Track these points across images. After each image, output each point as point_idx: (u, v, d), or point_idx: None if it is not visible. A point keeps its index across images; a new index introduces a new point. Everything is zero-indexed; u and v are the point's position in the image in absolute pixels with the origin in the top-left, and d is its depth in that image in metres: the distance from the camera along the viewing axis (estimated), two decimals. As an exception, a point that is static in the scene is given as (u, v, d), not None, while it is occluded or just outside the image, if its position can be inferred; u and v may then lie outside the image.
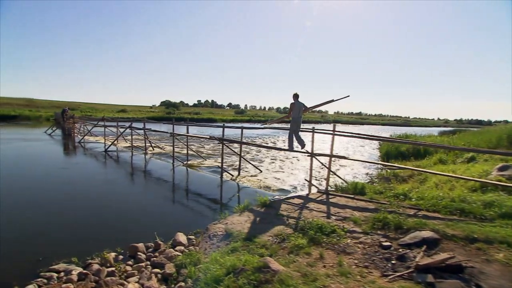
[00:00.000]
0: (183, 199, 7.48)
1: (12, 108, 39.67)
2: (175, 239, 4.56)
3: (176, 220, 5.94)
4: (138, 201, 7.22)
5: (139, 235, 4.91)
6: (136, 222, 5.71)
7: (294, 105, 7.77)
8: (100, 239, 4.82)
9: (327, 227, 4.50)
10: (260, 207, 5.66)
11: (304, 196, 6.62)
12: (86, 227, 5.36)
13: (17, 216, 5.77)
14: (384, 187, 7.39)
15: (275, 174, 10.61)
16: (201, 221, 5.87)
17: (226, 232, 4.49)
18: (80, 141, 18.13)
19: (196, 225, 5.55)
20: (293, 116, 7.89)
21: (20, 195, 7.04)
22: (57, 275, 3.67)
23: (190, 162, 11.87)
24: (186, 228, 5.25)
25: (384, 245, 3.86)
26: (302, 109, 7.84)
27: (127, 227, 5.47)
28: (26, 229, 5.20)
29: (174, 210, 6.75)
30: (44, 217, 5.75)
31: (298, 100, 7.79)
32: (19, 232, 5.07)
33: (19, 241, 4.72)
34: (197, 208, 6.73)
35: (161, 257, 3.94)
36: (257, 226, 4.76)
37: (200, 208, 6.75)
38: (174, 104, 72.43)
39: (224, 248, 4.02)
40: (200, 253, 3.95)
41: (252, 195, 7.79)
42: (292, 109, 7.83)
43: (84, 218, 5.78)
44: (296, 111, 7.80)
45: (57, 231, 5.14)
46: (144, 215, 6.19)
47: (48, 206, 6.40)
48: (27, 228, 5.24)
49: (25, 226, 5.31)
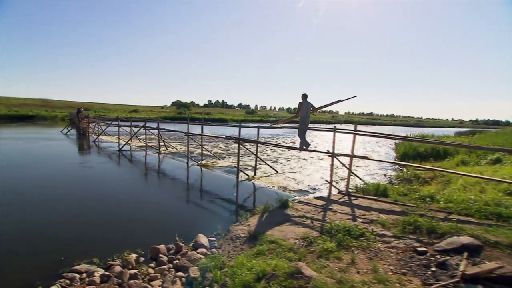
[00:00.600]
0: (200, 200, 7.38)
1: (29, 108, 40.82)
2: (196, 240, 4.44)
3: (194, 221, 5.82)
4: (154, 201, 7.16)
5: (157, 236, 4.82)
6: (154, 223, 5.63)
7: (302, 105, 7.86)
8: (119, 240, 4.75)
9: (355, 230, 4.30)
10: (281, 208, 5.49)
11: (326, 198, 6.42)
12: (104, 227, 5.31)
13: (38, 214, 5.78)
14: (407, 189, 7.11)
15: (291, 175, 10.40)
16: (220, 222, 5.74)
17: (249, 234, 4.34)
18: (94, 141, 18.37)
19: (215, 226, 5.43)
20: (301, 115, 7.99)
21: (40, 194, 7.09)
22: (79, 276, 3.60)
23: (204, 162, 11.80)
24: (204, 229, 5.13)
25: (419, 251, 3.63)
26: (310, 109, 7.92)
27: (145, 227, 5.38)
28: (46, 227, 5.19)
29: (191, 210, 6.65)
30: (63, 216, 5.74)
31: (306, 100, 7.89)
32: (40, 230, 5.06)
33: (40, 239, 4.70)
34: (214, 209, 6.61)
35: (184, 259, 3.81)
36: (281, 228, 4.59)
37: (217, 209, 6.63)
38: (185, 104, 73.01)
39: (249, 251, 3.88)
40: (224, 256, 3.81)
41: (270, 196, 7.63)
42: (300, 108, 7.92)
43: (101, 218, 5.74)
44: (304, 111, 7.88)
45: (76, 230, 5.09)
46: (161, 216, 6.11)
47: (66, 205, 6.40)
48: (47, 226, 5.23)
49: (45, 224, 5.30)
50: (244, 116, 64.96)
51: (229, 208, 6.76)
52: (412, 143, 16.07)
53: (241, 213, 6.19)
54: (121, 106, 63.18)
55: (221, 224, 5.57)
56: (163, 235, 4.90)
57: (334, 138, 6.91)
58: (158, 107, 73.02)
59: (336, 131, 6.95)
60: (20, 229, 5.07)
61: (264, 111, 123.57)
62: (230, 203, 7.13)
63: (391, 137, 8.44)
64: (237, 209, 6.61)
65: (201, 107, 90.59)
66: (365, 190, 7.09)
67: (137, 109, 55.76)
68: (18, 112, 37.21)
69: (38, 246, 4.49)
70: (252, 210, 6.05)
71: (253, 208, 6.51)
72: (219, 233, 4.97)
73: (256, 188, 8.42)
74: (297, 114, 8.18)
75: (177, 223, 5.67)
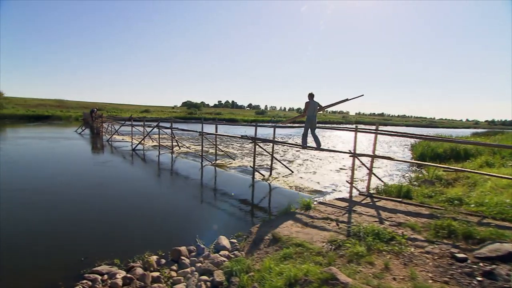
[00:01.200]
0: (216, 200, 7.25)
1: (45, 108, 41.84)
2: (218, 242, 4.30)
3: (212, 222, 5.69)
4: (171, 201, 7.08)
5: (175, 237, 4.72)
6: (172, 223, 5.53)
7: (309, 104, 7.91)
8: (137, 240, 4.65)
9: (385, 233, 4.08)
10: (303, 210, 5.31)
11: (348, 199, 6.19)
12: (122, 227, 5.24)
13: (56, 212, 5.78)
14: (432, 191, 6.81)
15: (306, 175, 10.19)
16: (239, 223, 5.61)
17: (273, 236, 4.18)
18: (108, 140, 18.58)
19: (235, 227, 5.29)
20: (308, 114, 8.02)
21: (58, 193, 7.11)
22: (100, 277, 3.50)
23: (218, 161, 11.72)
24: (224, 231, 4.99)
25: (459, 257, 3.39)
26: (317, 108, 7.97)
27: (163, 228, 5.28)
28: (64, 226, 5.16)
29: (209, 211, 6.52)
30: (81, 215, 5.71)
31: (313, 99, 7.94)
32: (59, 229, 5.04)
33: (60, 238, 4.66)
34: (232, 210, 6.47)
35: (207, 262, 3.67)
36: (305, 230, 4.41)
37: (235, 210, 6.49)
38: (195, 104, 73.40)
39: (275, 254, 3.71)
40: (249, 260, 3.66)
41: (288, 197, 7.46)
42: (307, 107, 7.97)
43: (120, 217, 5.70)
44: (311, 110, 7.93)
45: (94, 230, 5.03)
46: (179, 216, 6.01)
47: (83, 204, 6.39)
48: (65, 225, 5.21)
49: (63, 223, 5.28)
50: (254, 116, 64.82)
51: (247, 209, 6.61)
52: (430, 143, 15.62)
53: (259, 215, 6.04)
54: (133, 106, 64.01)
55: (241, 226, 5.43)
56: (181, 236, 4.80)
57: (355, 138, 6.68)
58: (168, 107, 73.68)
59: (358, 130, 6.71)
60: (42, 227, 5.05)
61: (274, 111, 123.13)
62: (248, 203, 6.98)
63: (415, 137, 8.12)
64: (255, 210, 6.46)
65: (211, 107, 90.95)
66: (387, 192, 6.84)
67: (149, 109, 56.39)
68: (34, 112, 38.17)
69: (58, 245, 4.44)
70: (272, 211, 5.89)
71: (272, 209, 6.35)
72: (240, 235, 4.83)
73: (272, 189, 8.25)
74: (304, 113, 8.19)
75: (195, 224, 5.56)
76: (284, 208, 5.26)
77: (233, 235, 4.82)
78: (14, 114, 36.00)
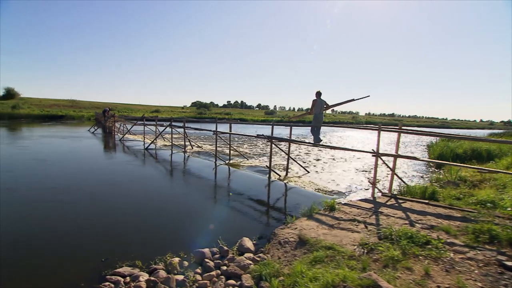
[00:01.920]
0: (233, 200, 7.05)
1: (59, 109, 42.72)
2: (241, 244, 4.11)
3: (230, 222, 5.51)
4: (186, 201, 6.93)
5: (194, 238, 4.55)
6: (189, 224, 5.36)
7: (316, 102, 8.09)
8: (156, 241, 4.49)
9: (419, 236, 3.83)
10: (327, 211, 5.09)
11: (371, 200, 5.93)
12: (140, 226, 5.10)
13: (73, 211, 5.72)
14: (460, 192, 6.49)
15: (323, 175, 9.94)
16: (258, 224, 5.42)
17: (300, 238, 3.98)
18: (120, 139, 18.72)
19: (255, 228, 5.11)
20: (315, 112, 8.22)
21: (79, 190, 7.08)
22: (123, 279, 3.36)
23: (232, 161, 11.58)
24: (244, 232, 4.81)
25: (508, 266, 3.11)
26: (323, 106, 8.13)
27: (180, 228, 5.12)
28: (81, 224, 5.08)
29: (226, 211, 6.33)
30: (99, 214, 5.63)
31: (320, 97, 8.12)
32: (77, 227, 4.95)
33: (78, 237, 4.57)
34: (249, 210, 6.29)
35: (234, 265, 3.48)
36: (333, 232, 4.19)
37: (253, 210, 6.30)
38: (205, 104, 73.73)
39: (304, 257, 3.51)
40: (277, 263, 3.46)
41: (307, 197, 7.24)
42: (314, 105, 8.13)
43: (135, 218, 5.56)
44: (318, 108, 8.12)
45: (111, 229, 4.92)
46: (196, 217, 5.86)
47: (100, 203, 6.32)
48: (83, 223, 5.12)
49: (80, 222, 5.20)
50: (264, 116, 64.68)
51: (266, 209, 6.42)
52: (448, 144, 15.11)
53: (279, 216, 5.84)
54: (143, 106, 64.75)
55: (261, 227, 5.25)
56: (200, 237, 4.63)
57: (378, 137, 6.41)
58: (178, 107, 74.21)
59: (382, 129, 6.44)
60: (62, 225, 4.98)
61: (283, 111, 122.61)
62: (266, 204, 6.79)
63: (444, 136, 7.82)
64: (275, 211, 6.26)
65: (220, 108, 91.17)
66: (410, 193, 6.54)
67: (159, 109, 56.92)
68: (49, 112, 39.04)
69: (78, 244, 4.34)
70: (292, 212, 5.69)
71: (292, 209, 6.15)
72: (262, 236, 4.64)
73: (289, 189, 8.04)
74: (310, 111, 8.31)
75: (213, 224, 5.39)
76: (307, 209, 5.04)
77: (255, 236, 4.63)
78: (30, 114, 36.91)
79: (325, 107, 8.23)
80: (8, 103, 39.92)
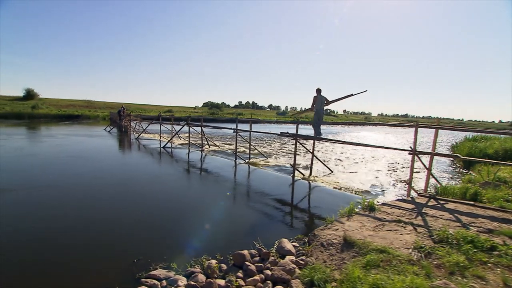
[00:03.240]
0: (260, 200, 6.73)
1: (75, 109, 43.62)
2: (281, 246, 3.80)
3: (261, 223, 5.21)
4: (212, 201, 6.66)
5: (226, 239, 4.30)
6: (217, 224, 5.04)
7: (317, 98, 8.47)
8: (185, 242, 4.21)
9: (481, 241, 3.43)
10: (367, 211, 4.73)
11: (410, 200, 5.53)
12: (165, 226, 4.86)
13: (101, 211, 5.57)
14: (507, 194, 6.00)
15: (348, 175, 9.55)
16: (293, 225, 5.12)
17: (346, 240, 3.65)
18: (137, 138, 18.78)
19: (289, 229, 4.82)
20: (316, 108, 8.56)
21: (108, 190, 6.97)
22: (159, 283, 3.10)
23: (253, 160, 11.33)
24: (279, 233, 4.54)
25: None
26: (324, 102, 8.47)
27: (210, 229, 4.80)
28: (114, 223, 4.91)
29: (255, 211, 6.00)
30: (126, 213, 5.46)
31: (320, 94, 8.47)
32: (109, 226, 4.78)
33: (108, 236, 4.38)
34: (279, 210, 5.97)
35: (279, 269, 3.16)
36: (380, 234, 3.84)
37: (282, 210, 5.99)
38: (216, 105, 73.91)
39: (355, 261, 3.18)
40: (327, 267, 3.15)
41: (337, 197, 6.91)
42: (315, 102, 8.49)
43: (162, 217, 5.35)
44: (319, 104, 8.47)
45: (140, 228, 4.70)
46: (225, 217, 5.59)
47: (123, 202, 6.17)
48: (116, 222, 4.95)
49: (114, 220, 5.03)
50: (276, 117, 64.25)
51: (296, 209, 6.10)
52: (477, 144, 14.37)
53: (311, 216, 5.51)
54: (156, 106, 65.37)
55: (296, 227, 4.95)
56: (234, 238, 4.37)
57: (416, 134, 5.99)
58: (190, 107, 74.62)
59: (420, 126, 6.03)
60: (95, 224, 4.82)
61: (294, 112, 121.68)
62: (296, 204, 6.46)
63: (487, 132, 7.36)
64: (305, 211, 5.94)
65: (232, 108, 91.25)
66: (447, 193, 6.10)
67: (171, 110, 57.34)
68: (66, 112, 39.89)
69: (109, 244, 4.14)
70: (326, 212, 5.35)
71: (323, 209, 5.82)
72: (300, 238, 4.33)
73: (317, 188, 7.71)
74: (312, 107, 8.66)
75: (243, 224, 5.12)
76: (346, 209, 4.69)
77: (292, 238, 4.32)
78: (48, 113, 37.79)
79: (326, 102, 8.51)
80: (28, 104, 41.05)
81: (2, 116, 33.12)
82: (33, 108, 38.10)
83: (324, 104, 8.53)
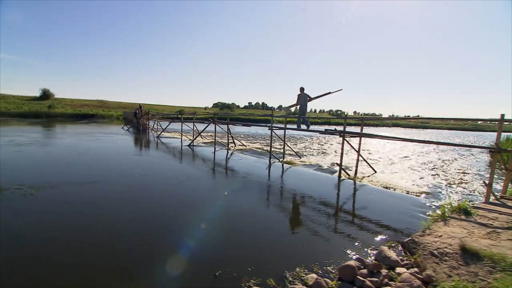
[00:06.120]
0: (313, 201, 6.10)
1: (89, 108, 43.96)
2: (383, 256, 3.20)
3: (326, 227, 4.60)
4: (257, 207, 6.09)
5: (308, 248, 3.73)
6: (288, 230, 4.50)
7: (301, 96, 9.85)
8: (262, 250, 3.62)
9: None
10: (461, 215, 4.11)
11: (500, 204, 4.85)
12: (234, 235, 4.26)
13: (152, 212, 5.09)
14: None
15: (392, 174, 8.92)
16: (364, 230, 4.52)
17: (462, 250, 3.04)
18: (158, 136, 18.45)
19: (364, 235, 4.22)
20: (300, 103, 9.98)
21: (163, 192, 6.52)
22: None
23: (288, 159, 10.78)
24: (356, 239, 3.98)
25: None
26: (307, 99, 9.88)
27: (283, 236, 4.28)
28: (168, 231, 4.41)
29: (314, 217, 5.39)
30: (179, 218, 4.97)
31: (303, 92, 9.84)
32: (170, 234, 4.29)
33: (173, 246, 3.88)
34: (340, 212, 5.40)
35: (405, 285, 2.59)
36: (501, 243, 3.22)
37: (344, 212, 5.41)
38: (227, 105, 73.61)
39: (501, 278, 2.57)
40: (468, 285, 2.55)
41: (399, 198, 6.34)
42: (299, 98, 9.89)
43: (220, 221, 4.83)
44: (303, 100, 9.86)
45: (209, 236, 4.13)
46: (289, 222, 5.04)
47: (177, 204, 5.69)
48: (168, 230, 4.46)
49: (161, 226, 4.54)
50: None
51: (360, 211, 5.50)
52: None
53: (382, 220, 4.89)
54: (167, 106, 65.45)
55: (369, 231, 4.35)
56: (306, 247, 3.79)
57: (499, 132, 5.32)
58: (201, 107, 74.57)
59: (505, 120, 5.35)
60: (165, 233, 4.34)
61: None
62: (356, 207, 5.87)
63: None
64: (374, 214, 5.31)
65: (242, 109, 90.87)
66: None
67: (183, 110, 57.27)
68: (81, 112, 40.17)
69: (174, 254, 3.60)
70: (395, 216, 4.75)
71: (391, 212, 5.22)
72: (392, 244, 3.74)
73: (368, 189, 7.09)
74: (297, 103, 10.04)
75: (309, 230, 4.52)
76: (442, 211, 4.08)
77: (387, 244, 3.73)
78: (64, 113, 38.12)
79: (308, 99, 9.89)
80: (44, 103, 41.50)
81: (21, 115, 33.48)
82: (49, 108, 38.48)
83: (307, 100, 9.91)
